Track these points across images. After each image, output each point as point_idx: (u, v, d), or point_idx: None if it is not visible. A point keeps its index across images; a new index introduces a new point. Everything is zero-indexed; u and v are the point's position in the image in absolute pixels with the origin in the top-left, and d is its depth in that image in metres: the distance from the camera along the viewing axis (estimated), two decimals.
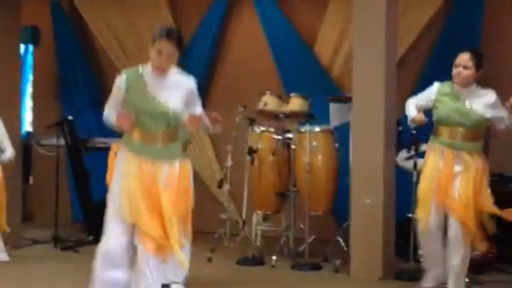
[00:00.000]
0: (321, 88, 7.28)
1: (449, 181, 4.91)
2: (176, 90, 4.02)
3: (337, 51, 7.45)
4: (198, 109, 4.12)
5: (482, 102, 4.91)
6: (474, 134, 4.95)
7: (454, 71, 4.89)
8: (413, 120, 5.02)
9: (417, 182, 5.86)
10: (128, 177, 3.99)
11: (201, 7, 7.97)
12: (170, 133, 4.04)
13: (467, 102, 4.90)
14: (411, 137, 5.79)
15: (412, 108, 5.09)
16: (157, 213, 4.00)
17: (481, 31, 6.88)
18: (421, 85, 7.10)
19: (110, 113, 4.11)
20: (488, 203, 4.92)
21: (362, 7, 5.83)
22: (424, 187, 5.04)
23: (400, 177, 6.15)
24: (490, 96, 4.94)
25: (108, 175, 4.17)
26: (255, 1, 7.76)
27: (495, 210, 4.94)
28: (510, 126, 4.99)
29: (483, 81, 6.75)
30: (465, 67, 4.85)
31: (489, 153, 5.93)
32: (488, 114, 4.91)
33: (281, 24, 7.66)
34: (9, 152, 6.56)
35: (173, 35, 3.95)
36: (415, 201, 5.20)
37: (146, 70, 4.05)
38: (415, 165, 5.75)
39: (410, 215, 5.59)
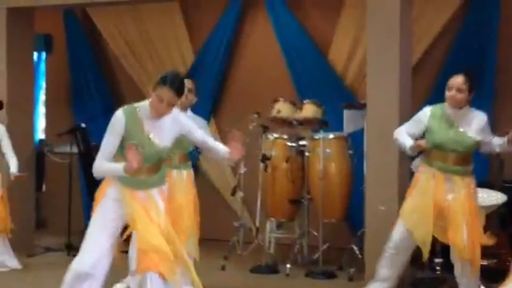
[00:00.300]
0: (335, 94, 7.25)
1: (443, 207, 4.86)
2: (170, 129, 4.15)
3: (351, 57, 7.41)
4: (199, 132, 4.33)
5: (473, 126, 4.85)
6: (466, 158, 4.89)
7: (447, 93, 4.82)
8: (412, 148, 4.89)
9: None
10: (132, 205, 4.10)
11: (214, 13, 7.96)
12: (157, 166, 4.16)
13: (460, 129, 4.84)
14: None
15: (406, 136, 4.94)
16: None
17: (498, 34, 6.81)
18: (437, 91, 7.07)
19: (106, 167, 4.13)
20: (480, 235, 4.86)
21: (376, 13, 5.79)
22: (411, 206, 4.98)
23: None
24: (481, 119, 4.88)
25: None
26: (268, 8, 7.74)
27: (486, 241, 4.89)
28: (494, 151, 4.96)
29: (502, 86, 6.73)
30: (459, 90, 4.78)
31: (504, 161, 5.90)
32: (478, 137, 4.85)
33: (294, 30, 7.63)
34: (14, 164, 6.48)
35: (175, 84, 4.02)
36: None
37: (143, 109, 4.10)
38: None
39: None
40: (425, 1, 6.94)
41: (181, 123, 4.21)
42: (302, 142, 6.58)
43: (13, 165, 6.46)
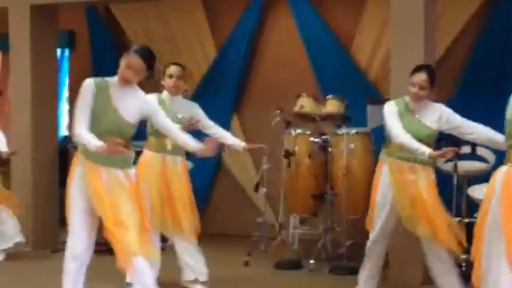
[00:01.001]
0: (358, 90, 7.22)
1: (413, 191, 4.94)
2: (136, 104, 4.23)
3: (374, 52, 7.37)
4: (165, 118, 4.41)
5: (432, 117, 4.96)
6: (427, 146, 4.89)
7: (411, 89, 4.93)
8: (431, 155, 4.84)
9: (458, 185, 5.80)
10: (91, 185, 4.18)
11: (236, 9, 7.95)
12: (125, 144, 4.14)
13: (420, 119, 4.94)
14: (451, 139, 5.68)
15: (414, 140, 4.86)
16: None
17: None
18: (460, 86, 7.03)
19: (86, 133, 4.14)
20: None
21: (400, 8, 5.75)
22: (379, 199, 5.07)
23: (439, 179, 6.03)
24: (440, 110, 4.99)
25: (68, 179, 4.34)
26: (290, 3, 7.72)
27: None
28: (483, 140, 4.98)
29: None
30: (421, 88, 4.90)
31: None
32: (435, 127, 4.94)
33: (317, 25, 7.60)
34: (2, 143, 6.62)
35: (144, 53, 4.22)
36: (456, 203, 5.10)
37: (112, 82, 4.24)
38: (455, 167, 5.65)
39: (459, 218, 5.48)
40: None
41: (147, 103, 4.32)
42: (325, 138, 6.55)
43: (2, 144, 6.51)
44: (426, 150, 4.76)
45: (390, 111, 5.00)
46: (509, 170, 3.77)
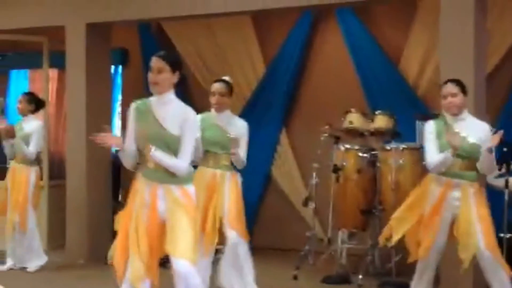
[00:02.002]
0: (407, 105, 7.21)
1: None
2: (176, 116, 4.18)
3: (423, 67, 7.36)
4: (187, 146, 4.17)
5: (476, 133, 4.85)
6: (472, 163, 4.85)
7: (443, 102, 4.88)
8: (454, 148, 4.80)
9: (509, 201, 5.73)
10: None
11: (285, 26, 8.03)
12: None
13: (457, 131, 4.82)
14: (501, 155, 5.65)
15: (438, 154, 4.90)
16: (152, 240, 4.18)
17: None
18: (510, 103, 6.95)
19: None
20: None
21: (450, 21, 5.75)
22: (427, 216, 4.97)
23: (490, 195, 5.99)
24: (484, 128, 4.89)
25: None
26: (339, 18, 7.77)
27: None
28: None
29: None
30: (453, 95, 4.84)
31: None
32: (476, 140, 4.83)
33: (365, 40, 7.63)
34: (30, 149, 6.72)
35: (163, 54, 4.24)
36: (507, 219, 5.05)
37: (154, 99, 4.25)
38: (506, 183, 5.60)
39: (501, 234, 5.43)
40: (500, 12, 6.85)
41: (186, 115, 4.18)
42: (373, 153, 6.56)
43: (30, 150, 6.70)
44: (448, 153, 4.74)
45: (427, 135, 4.98)
46: None
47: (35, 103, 6.96)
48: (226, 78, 5.62)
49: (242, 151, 5.36)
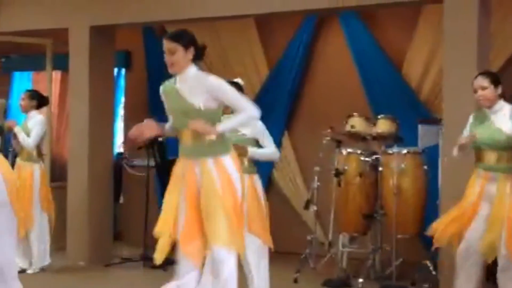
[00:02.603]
0: (409, 109, 7.21)
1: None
2: (198, 88, 4.14)
3: (426, 72, 7.36)
4: (234, 98, 4.14)
5: (506, 121, 4.85)
6: (507, 155, 4.83)
7: (475, 96, 4.91)
8: (461, 146, 4.88)
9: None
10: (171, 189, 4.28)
11: (289, 29, 8.04)
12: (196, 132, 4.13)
13: (495, 126, 4.85)
14: None
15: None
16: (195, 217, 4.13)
17: None
18: None
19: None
20: None
21: (453, 27, 5.74)
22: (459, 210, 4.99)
23: None
24: (508, 108, 4.90)
25: None
26: (342, 22, 7.78)
27: None
28: None
29: None
30: (483, 88, 4.86)
31: None
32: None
33: (368, 45, 7.64)
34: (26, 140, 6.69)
35: (171, 33, 4.27)
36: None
37: (178, 77, 4.28)
38: None
39: None
40: (504, 14, 6.84)
41: (206, 82, 4.13)
42: (375, 157, 6.57)
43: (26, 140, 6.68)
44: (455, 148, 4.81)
45: (467, 126, 5.02)
46: None
47: (37, 99, 6.94)
48: (236, 80, 5.57)
49: (269, 147, 5.19)
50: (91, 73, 7.39)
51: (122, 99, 9.39)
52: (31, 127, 6.74)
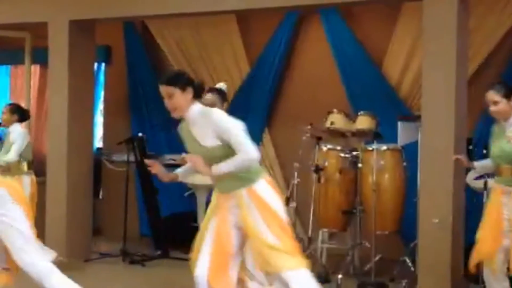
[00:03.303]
0: (389, 106, 7.25)
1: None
2: (204, 127, 4.10)
3: (405, 69, 7.41)
4: (235, 139, 4.03)
5: None
6: None
7: (490, 110, 4.86)
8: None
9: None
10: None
11: (270, 26, 8.05)
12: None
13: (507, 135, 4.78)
14: (482, 156, 5.70)
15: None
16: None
17: None
18: None
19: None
20: None
21: (432, 24, 5.78)
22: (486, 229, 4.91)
23: (469, 196, 6.05)
24: None
25: None
26: (323, 20, 7.80)
27: None
28: None
29: None
30: (495, 103, 4.80)
31: None
32: None
33: (348, 42, 7.67)
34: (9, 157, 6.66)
35: (164, 77, 4.16)
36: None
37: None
38: (485, 185, 5.64)
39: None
40: (483, 14, 6.90)
41: (211, 119, 4.06)
42: (355, 154, 6.59)
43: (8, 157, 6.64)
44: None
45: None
46: None
47: (18, 114, 6.90)
48: (219, 85, 5.55)
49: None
50: (71, 67, 7.33)
51: (102, 94, 9.34)
52: (13, 140, 6.71)
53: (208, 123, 4.05)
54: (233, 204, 4.10)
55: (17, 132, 6.78)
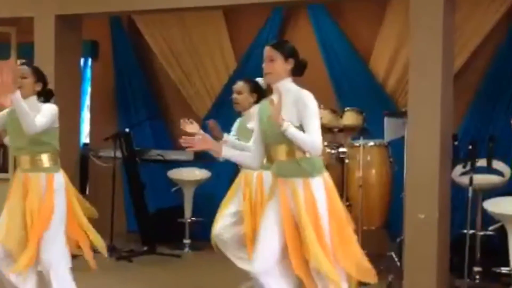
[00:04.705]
0: (376, 102, 7.27)
1: None
2: (291, 107, 3.98)
3: (392, 65, 7.43)
4: (313, 124, 3.97)
5: None
6: None
7: None
8: None
9: (473, 198, 5.82)
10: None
11: (257, 21, 8.05)
12: (290, 150, 3.97)
13: None
14: (467, 152, 5.73)
15: None
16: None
17: None
18: (481, 96, 7.06)
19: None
20: None
21: (419, 21, 5.79)
22: None
23: (455, 192, 6.08)
24: None
25: None
26: (310, 15, 7.80)
27: None
28: None
29: None
30: None
31: None
32: None
33: (336, 38, 7.68)
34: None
35: (275, 42, 4.18)
36: (471, 216, 5.14)
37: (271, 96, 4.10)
38: (470, 180, 5.68)
39: (465, 230, 5.52)
40: (469, 9, 6.93)
41: (303, 102, 3.94)
42: (342, 149, 6.61)
43: None
44: None
45: None
46: None
47: None
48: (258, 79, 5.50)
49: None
50: (57, 62, 7.29)
51: (89, 89, 9.31)
52: None
53: (296, 101, 3.94)
54: (289, 193, 3.95)
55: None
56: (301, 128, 3.92)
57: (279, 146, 3.98)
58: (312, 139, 3.90)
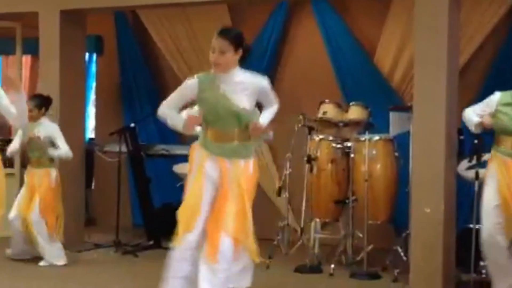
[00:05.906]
0: (381, 97, 7.26)
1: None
2: (244, 89, 4.22)
3: (397, 59, 7.42)
4: (272, 108, 4.46)
5: None
6: None
7: None
8: (481, 124, 4.96)
9: (479, 192, 5.80)
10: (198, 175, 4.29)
11: (261, 16, 8.03)
12: (244, 132, 4.23)
13: None
14: (472, 146, 5.71)
15: (474, 114, 5.07)
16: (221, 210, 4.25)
17: None
18: (484, 93, 7.02)
19: (169, 114, 4.34)
20: None
21: (424, 15, 5.79)
22: (488, 198, 4.98)
23: (461, 186, 6.07)
24: None
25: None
26: (315, 10, 7.78)
27: None
28: None
29: None
30: None
31: None
32: None
33: (340, 32, 7.66)
34: (63, 151, 6.62)
35: (225, 33, 4.22)
36: (477, 211, 5.13)
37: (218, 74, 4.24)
38: (476, 174, 5.66)
39: (471, 225, 5.51)
40: (473, 5, 6.91)
41: (259, 87, 4.33)
42: (347, 144, 6.61)
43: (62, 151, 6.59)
44: (475, 120, 4.96)
45: (486, 101, 5.14)
46: None
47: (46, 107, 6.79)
48: None
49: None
50: (62, 58, 7.31)
51: (94, 84, 9.32)
52: (50, 134, 6.65)
53: (251, 85, 4.22)
54: (230, 167, 4.21)
55: (53, 127, 6.70)
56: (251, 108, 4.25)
57: (230, 129, 4.22)
58: (275, 107, 4.51)
